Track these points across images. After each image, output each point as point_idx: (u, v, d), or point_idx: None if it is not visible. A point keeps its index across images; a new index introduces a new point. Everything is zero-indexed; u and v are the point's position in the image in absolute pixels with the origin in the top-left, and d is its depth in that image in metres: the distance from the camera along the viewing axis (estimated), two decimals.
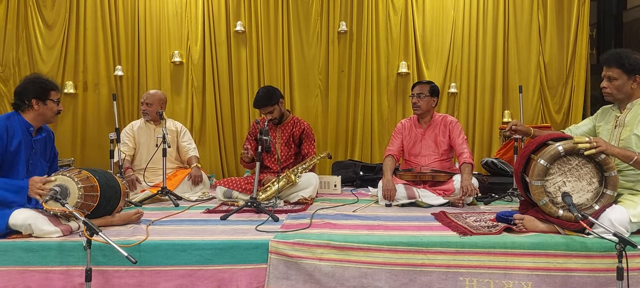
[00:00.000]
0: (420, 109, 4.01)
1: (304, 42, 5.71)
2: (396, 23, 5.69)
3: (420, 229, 2.91)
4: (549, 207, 2.69)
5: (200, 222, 3.18)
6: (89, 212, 2.81)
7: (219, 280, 2.58)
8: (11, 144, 2.81)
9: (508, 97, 5.70)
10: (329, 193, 4.48)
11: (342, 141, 5.80)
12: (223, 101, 5.70)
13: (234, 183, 3.92)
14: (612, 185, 2.65)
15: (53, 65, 5.53)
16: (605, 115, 3.01)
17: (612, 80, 2.83)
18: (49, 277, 2.56)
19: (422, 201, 3.70)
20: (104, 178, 2.98)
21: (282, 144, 4.25)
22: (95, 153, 5.58)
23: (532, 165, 2.76)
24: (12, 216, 2.66)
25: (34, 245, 2.59)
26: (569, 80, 5.67)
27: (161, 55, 5.65)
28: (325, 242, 2.62)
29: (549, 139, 2.86)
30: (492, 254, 2.57)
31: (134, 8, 5.62)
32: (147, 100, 4.46)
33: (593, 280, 2.52)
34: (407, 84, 5.65)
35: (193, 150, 4.65)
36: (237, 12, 5.65)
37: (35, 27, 5.52)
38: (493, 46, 5.66)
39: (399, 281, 2.55)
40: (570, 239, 2.61)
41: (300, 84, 5.67)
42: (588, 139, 2.62)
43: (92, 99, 5.64)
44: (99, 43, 5.60)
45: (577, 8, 5.58)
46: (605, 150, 2.59)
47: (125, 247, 2.27)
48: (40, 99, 2.90)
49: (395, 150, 4.10)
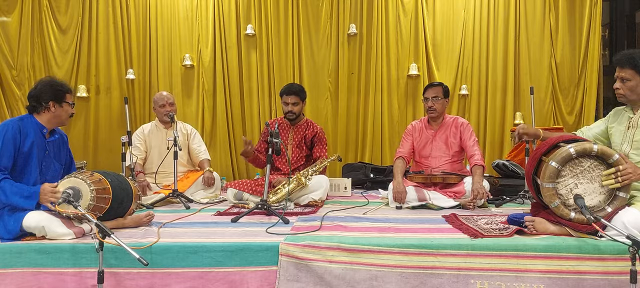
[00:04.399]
0: (436, 111, 4.00)
1: (313, 44, 5.71)
2: (406, 25, 5.68)
3: (431, 231, 2.90)
4: (560, 209, 2.67)
5: (211, 224, 3.20)
6: (101, 214, 2.83)
7: (229, 282, 2.59)
8: (24, 145, 2.84)
9: (519, 98, 5.65)
10: (339, 195, 4.48)
11: (352, 143, 5.80)
12: (234, 104, 5.73)
13: (245, 186, 3.95)
14: (625, 187, 2.62)
15: (67, 69, 5.61)
16: (618, 116, 2.98)
17: (625, 81, 2.79)
18: (62, 278, 2.59)
19: (432, 203, 3.69)
20: (116, 181, 3.01)
21: (294, 146, 4.26)
22: (107, 156, 5.64)
23: (543, 167, 2.73)
24: (26, 218, 2.70)
25: (47, 247, 2.62)
26: (581, 82, 5.61)
27: (172, 59, 5.69)
28: (336, 245, 2.62)
29: (561, 140, 2.84)
30: (503, 257, 2.55)
31: (146, 12, 5.67)
32: (170, 100, 4.49)
33: (606, 283, 2.49)
34: (417, 85, 5.63)
35: (204, 152, 4.67)
36: (248, 15, 5.68)
37: (50, 31, 5.60)
38: (504, 47, 5.62)
39: (410, 283, 2.54)
40: (582, 242, 2.58)
41: (310, 86, 5.68)
42: (615, 171, 2.60)
43: (104, 103, 5.70)
44: (111, 47, 5.66)
45: (589, 8, 5.52)
46: (636, 178, 2.58)
47: (137, 249, 2.29)
48: (56, 101, 2.94)
49: (405, 152, 4.09)
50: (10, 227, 2.72)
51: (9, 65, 5.56)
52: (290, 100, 4.19)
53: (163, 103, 4.46)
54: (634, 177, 2.57)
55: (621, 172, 2.58)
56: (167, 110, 4.43)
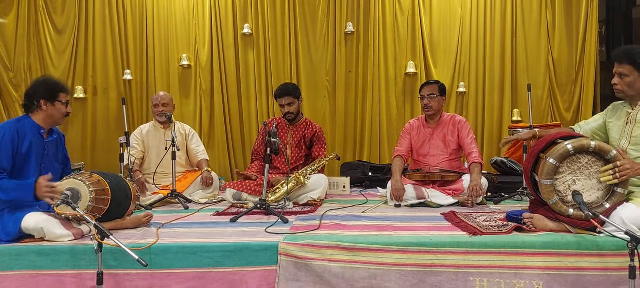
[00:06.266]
0: (432, 109, 4.00)
1: (311, 43, 5.71)
2: (403, 23, 5.68)
3: (430, 229, 2.91)
4: (559, 206, 2.68)
5: (210, 224, 3.20)
6: (100, 215, 2.83)
7: (229, 282, 2.59)
8: (22, 147, 2.84)
9: (517, 95, 5.66)
10: (338, 194, 4.48)
11: (350, 142, 5.80)
12: (231, 104, 5.72)
13: (244, 186, 3.94)
14: (623, 183, 2.63)
15: (64, 70, 5.58)
16: (617, 112, 2.98)
17: (623, 76, 2.80)
18: (61, 280, 2.59)
19: (431, 201, 3.69)
20: (115, 182, 3.01)
21: (293, 145, 4.26)
22: (105, 157, 5.62)
23: (541, 164, 2.74)
24: (25, 220, 2.69)
25: (46, 249, 2.62)
26: (578, 78, 5.62)
27: (169, 59, 5.68)
28: (335, 243, 2.62)
29: (558, 137, 2.84)
30: (502, 254, 2.56)
31: (142, 12, 5.66)
32: (164, 101, 4.49)
33: (605, 279, 2.50)
34: (415, 84, 5.63)
35: (202, 153, 4.66)
36: (245, 14, 5.67)
37: (46, 32, 5.58)
38: (501, 44, 5.63)
39: (409, 282, 2.54)
40: (581, 238, 2.59)
41: (308, 85, 5.68)
42: (612, 168, 2.61)
43: (102, 104, 5.68)
44: (108, 48, 5.64)
45: (586, 5, 5.52)
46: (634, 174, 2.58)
47: (136, 250, 2.30)
48: (48, 100, 2.92)
49: (404, 151, 4.09)
50: (9, 229, 2.71)
51: (6, 67, 5.53)
52: (285, 102, 4.18)
53: (156, 103, 4.48)
54: (632, 172, 2.58)
55: (619, 168, 2.59)
56: (161, 110, 4.44)
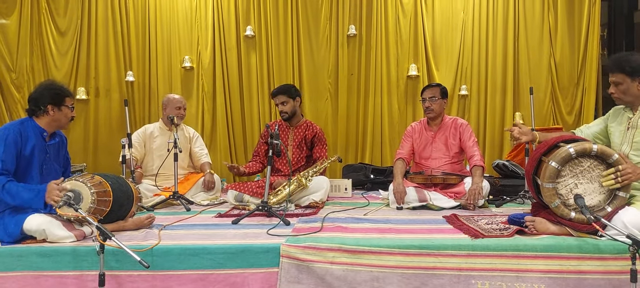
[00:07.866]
0: (434, 112, 4.01)
1: (313, 45, 5.72)
2: (405, 25, 5.68)
3: (432, 232, 2.91)
4: (561, 209, 2.68)
5: (211, 226, 3.20)
6: (102, 216, 2.84)
7: (231, 284, 2.59)
8: (25, 149, 2.85)
9: (519, 98, 5.66)
10: (340, 196, 4.48)
11: (352, 144, 5.80)
12: (233, 105, 5.73)
13: (245, 187, 3.95)
14: (625, 187, 2.63)
15: (66, 72, 5.60)
16: (617, 116, 2.99)
17: (618, 85, 2.84)
18: (63, 281, 2.59)
19: (433, 204, 3.69)
20: (117, 183, 3.01)
21: (294, 147, 4.27)
22: (107, 158, 5.62)
23: (543, 167, 2.74)
24: (27, 221, 2.70)
25: (48, 250, 2.62)
26: (580, 81, 5.62)
27: (172, 61, 5.69)
28: (337, 246, 2.62)
29: (560, 140, 2.84)
30: (504, 257, 2.56)
31: (145, 14, 5.67)
32: (185, 104, 4.55)
33: (606, 282, 2.49)
34: (417, 86, 5.63)
35: (205, 156, 4.67)
36: (247, 16, 5.68)
37: (48, 34, 5.59)
38: (503, 47, 5.63)
39: (411, 284, 2.54)
40: (583, 241, 2.59)
41: (310, 87, 5.69)
42: (614, 171, 2.61)
43: (104, 105, 5.69)
44: (110, 49, 5.66)
45: (588, 8, 5.53)
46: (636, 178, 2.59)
47: (137, 251, 2.30)
48: (55, 105, 2.94)
49: (405, 153, 4.09)
50: (11, 231, 2.72)
51: (8, 68, 5.55)
52: (279, 101, 4.21)
53: (180, 105, 4.48)
54: (634, 177, 2.58)
55: (621, 172, 2.59)
56: (183, 114, 4.48)
